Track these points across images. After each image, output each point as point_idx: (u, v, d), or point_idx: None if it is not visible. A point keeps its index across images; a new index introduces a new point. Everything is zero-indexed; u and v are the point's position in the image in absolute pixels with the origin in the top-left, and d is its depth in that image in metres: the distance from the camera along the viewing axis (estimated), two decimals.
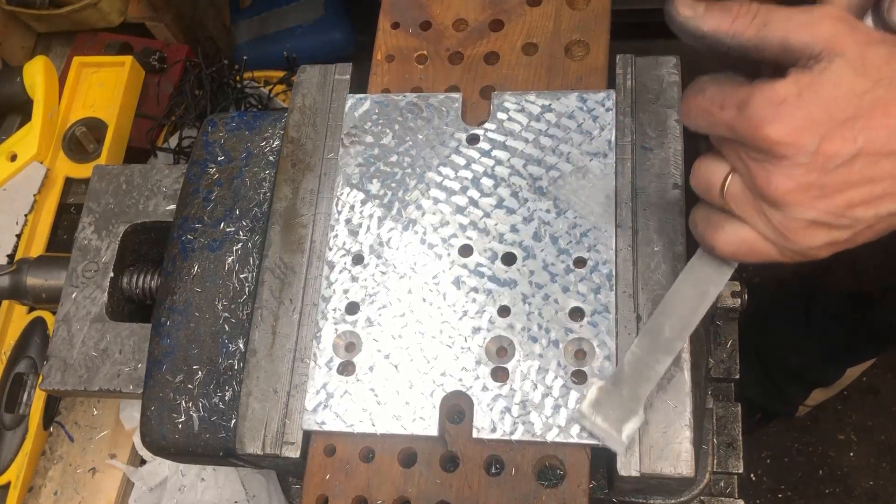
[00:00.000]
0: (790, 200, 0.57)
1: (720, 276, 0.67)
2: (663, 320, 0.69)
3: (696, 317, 0.68)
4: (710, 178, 0.62)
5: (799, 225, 0.58)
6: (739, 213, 0.61)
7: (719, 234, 0.63)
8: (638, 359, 0.69)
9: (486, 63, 0.88)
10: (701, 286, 0.68)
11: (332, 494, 0.73)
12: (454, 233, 0.79)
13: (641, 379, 0.68)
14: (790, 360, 1.62)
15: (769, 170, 0.56)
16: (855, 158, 0.54)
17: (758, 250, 0.61)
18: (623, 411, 0.68)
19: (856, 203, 0.56)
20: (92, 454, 1.16)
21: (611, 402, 0.69)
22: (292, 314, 0.79)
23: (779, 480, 1.83)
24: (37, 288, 0.97)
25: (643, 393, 0.68)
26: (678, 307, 0.69)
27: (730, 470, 0.91)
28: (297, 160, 0.86)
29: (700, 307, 0.68)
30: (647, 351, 0.69)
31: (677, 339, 0.68)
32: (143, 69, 1.40)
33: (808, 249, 0.60)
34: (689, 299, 0.68)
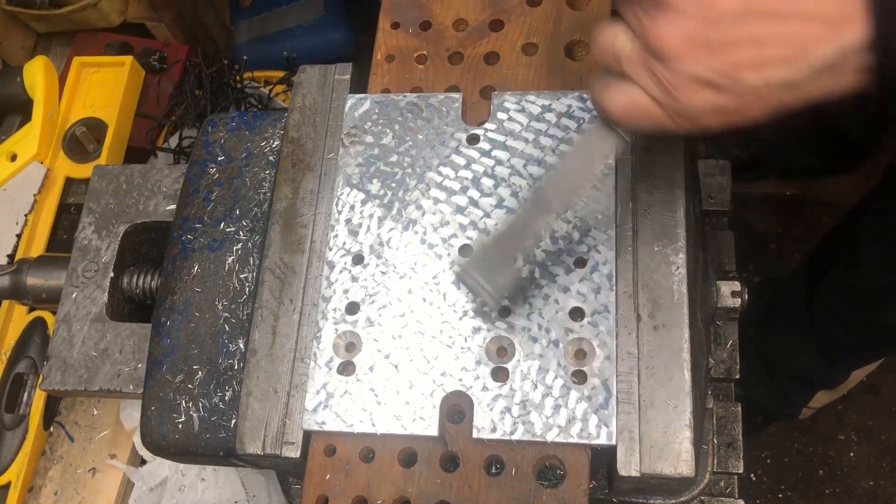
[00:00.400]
0: (676, 53, 0.56)
1: (610, 146, 0.67)
2: (550, 184, 0.70)
3: (581, 183, 0.68)
4: (608, 40, 0.62)
5: (684, 81, 0.57)
6: (630, 71, 0.60)
7: (610, 95, 0.62)
8: (522, 221, 0.71)
9: (486, 63, 0.88)
10: (590, 154, 0.68)
11: (332, 494, 0.73)
12: (454, 233, 0.79)
13: (523, 241, 0.70)
14: (794, 362, 1.62)
15: (657, 20, 0.56)
16: (744, 16, 0.54)
17: (646, 111, 0.61)
18: (500, 269, 0.70)
19: (742, 64, 0.55)
20: (92, 454, 1.16)
21: (492, 261, 0.70)
22: (292, 314, 0.79)
23: (779, 480, 1.83)
24: (37, 288, 0.97)
25: (520, 253, 0.70)
26: (566, 173, 0.70)
27: (730, 470, 0.91)
28: (297, 160, 0.86)
29: (587, 174, 0.68)
30: (531, 214, 0.70)
31: (561, 204, 0.70)
32: (143, 69, 1.40)
33: (694, 113, 0.59)
34: (578, 167, 0.69)
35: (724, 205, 1.03)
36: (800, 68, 0.55)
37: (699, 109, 0.59)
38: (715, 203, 1.03)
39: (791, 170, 1.98)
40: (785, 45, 0.54)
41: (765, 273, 1.97)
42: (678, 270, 0.74)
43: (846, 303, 1.45)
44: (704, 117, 0.59)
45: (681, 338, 0.71)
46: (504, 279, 0.70)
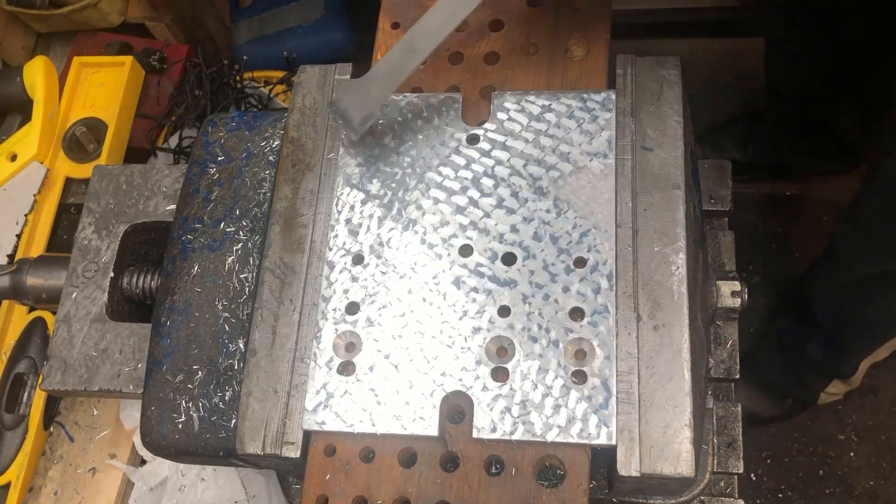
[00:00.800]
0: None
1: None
2: (418, 33, 0.79)
3: (442, 32, 0.79)
4: None
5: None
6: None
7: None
8: (391, 62, 0.79)
9: (486, 63, 0.88)
10: (453, 7, 0.78)
11: (332, 494, 0.73)
12: (454, 233, 0.79)
13: (389, 80, 0.79)
14: (804, 351, 1.64)
15: None
16: None
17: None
18: (366, 105, 0.79)
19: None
20: (92, 454, 1.16)
21: (359, 96, 0.79)
22: (292, 314, 0.79)
23: (779, 480, 1.83)
24: (37, 288, 0.97)
25: (386, 93, 0.80)
26: (431, 23, 0.79)
27: (730, 470, 0.91)
28: (297, 160, 0.86)
29: (448, 24, 0.78)
30: (399, 56, 0.79)
31: (425, 49, 0.79)
32: (143, 69, 1.40)
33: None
34: (442, 18, 0.78)
35: (724, 205, 1.03)
36: None
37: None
38: (715, 203, 1.03)
39: (790, 170, 1.98)
40: None
41: (765, 273, 1.97)
42: (678, 270, 0.74)
43: (835, 297, 1.47)
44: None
45: (681, 338, 0.71)
46: (366, 112, 0.79)
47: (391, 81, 0.79)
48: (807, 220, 2.01)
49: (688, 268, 0.74)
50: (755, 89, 1.88)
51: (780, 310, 1.76)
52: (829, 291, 1.50)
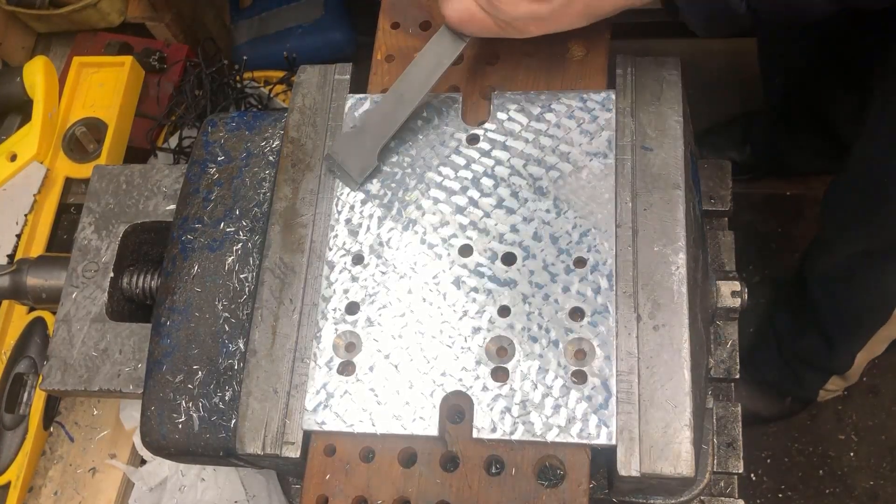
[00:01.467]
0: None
1: (454, 48, 0.80)
2: (405, 83, 0.81)
3: (430, 81, 0.80)
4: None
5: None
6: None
7: (449, 4, 0.75)
8: (381, 113, 0.82)
9: (486, 63, 0.88)
10: (437, 57, 0.80)
11: (332, 494, 0.73)
12: (454, 233, 0.79)
13: (380, 131, 0.81)
14: (799, 345, 1.65)
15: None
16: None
17: (476, 18, 0.74)
18: (362, 157, 0.82)
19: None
20: (92, 454, 1.16)
21: (354, 148, 0.82)
22: (292, 314, 0.79)
23: (779, 480, 1.83)
24: (37, 288, 0.97)
25: (380, 143, 0.81)
26: (418, 73, 0.81)
27: (730, 470, 0.91)
28: (297, 160, 0.86)
29: (434, 73, 0.80)
30: (389, 107, 0.81)
31: (413, 99, 0.81)
32: (143, 69, 1.40)
33: (514, 20, 0.71)
34: (427, 66, 0.80)
35: (724, 205, 1.03)
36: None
37: (518, 16, 0.71)
38: (715, 203, 1.03)
39: (790, 170, 1.98)
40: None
41: (765, 273, 1.97)
42: (678, 270, 0.74)
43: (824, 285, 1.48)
44: (524, 24, 0.72)
45: (681, 338, 0.71)
46: (364, 163, 0.82)
47: (384, 131, 0.81)
48: (807, 220, 2.01)
49: (688, 268, 0.74)
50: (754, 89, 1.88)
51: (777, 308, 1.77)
52: (820, 279, 1.51)
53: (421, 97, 0.80)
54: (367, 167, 0.82)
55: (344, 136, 0.83)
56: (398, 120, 0.81)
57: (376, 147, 0.81)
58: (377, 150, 0.81)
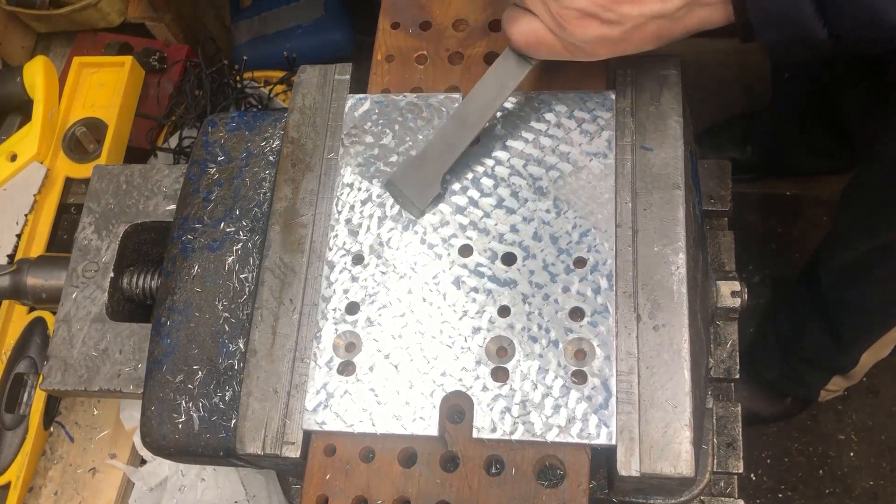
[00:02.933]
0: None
1: (519, 71, 0.77)
2: (468, 108, 0.78)
3: (493, 106, 0.78)
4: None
5: (572, 14, 0.66)
6: (530, 6, 0.70)
7: (514, 26, 0.72)
8: (443, 139, 0.79)
9: (486, 63, 0.88)
10: (502, 79, 0.77)
11: (332, 494, 0.73)
12: (454, 233, 0.79)
13: (443, 157, 0.79)
14: (804, 345, 1.64)
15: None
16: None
17: (544, 42, 0.71)
18: (425, 183, 0.79)
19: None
20: (92, 454, 1.16)
21: (416, 174, 0.79)
22: (292, 314, 0.79)
23: (779, 480, 1.83)
24: (37, 288, 0.97)
25: (443, 169, 0.79)
26: (481, 97, 0.78)
27: (730, 470, 0.91)
28: (297, 160, 0.86)
29: (498, 98, 0.78)
30: (451, 133, 0.79)
31: (476, 123, 0.78)
32: (143, 69, 1.40)
33: (583, 42, 0.68)
34: (491, 90, 0.78)
35: (724, 205, 1.03)
36: (672, 2, 0.63)
37: (587, 39, 0.68)
38: (715, 203, 1.03)
39: (790, 169, 1.98)
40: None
41: (765, 273, 1.97)
42: (678, 270, 0.74)
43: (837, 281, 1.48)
44: (593, 47, 0.69)
45: (681, 338, 0.71)
46: (426, 191, 0.79)
47: (447, 158, 0.79)
48: (807, 220, 2.00)
49: (688, 268, 0.74)
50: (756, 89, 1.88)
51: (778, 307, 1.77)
52: (833, 275, 1.50)
53: (484, 122, 0.78)
54: (430, 194, 0.79)
55: (405, 163, 0.81)
56: (461, 146, 0.78)
57: (439, 173, 0.79)
58: (440, 177, 0.79)
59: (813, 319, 1.59)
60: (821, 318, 1.57)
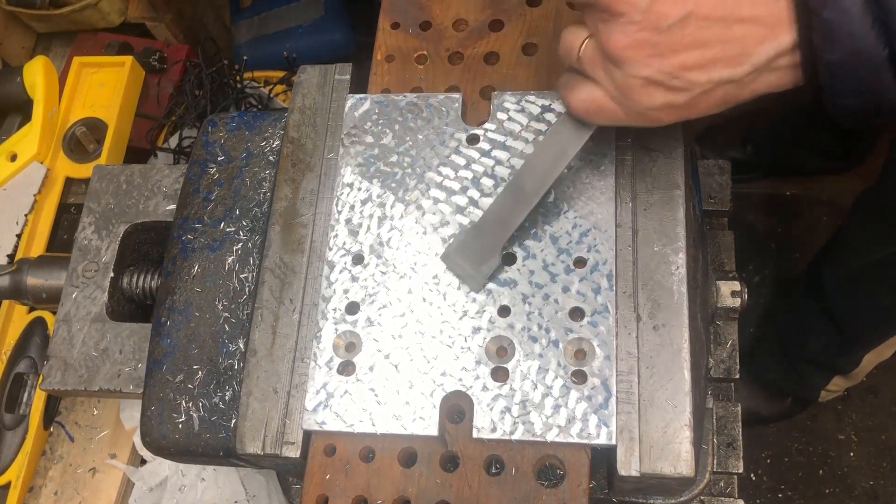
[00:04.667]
0: (627, 57, 0.61)
1: (577, 138, 0.73)
2: (525, 176, 0.75)
3: (552, 174, 0.74)
4: (571, 42, 0.67)
5: (637, 83, 0.62)
6: (590, 73, 0.66)
7: (573, 93, 0.68)
8: (500, 209, 0.76)
9: (486, 63, 0.88)
10: (560, 146, 0.73)
11: (332, 494, 0.73)
12: (454, 233, 0.79)
13: (501, 228, 0.75)
14: (808, 344, 1.64)
15: (610, 28, 0.61)
16: (686, 20, 0.58)
17: (605, 109, 0.66)
18: (483, 255, 0.76)
19: (689, 65, 0.60)
20: (92, 454, 1.16)
21: (473, 246, 0.76)
22: (292, 314, 0.79)
23: (779, 480, 1.83)
24: (37, 288, 0.97)
25: (501, 240, 0.75)
26: (539, 165, 0.74)
27: (730, 470, 0.91)
28: (297, 160, 0.86)
29: (557, 165, 0.74)
30: (508, 203, 0.75)
31: (535, 193, 0.74)
32: (143, 69, 1.40)
33: (648, 110, 0.64)
34: (549, 158, 0.74)
35: (724, 205, 1.03)
36: (742, 67, 0.60)
37: (652, 107, 0.64)
38: (715, 203, 1.03)
39: (789, 170, 1.98)
40: (727, 47, 0.59)
41: (765, 273, 1.97)
42: (678, 270, 0.74)
43: (847, 283, 1.47)
44: (657, 113, 0.65)
45: (681, 338, 0.71)
46: (485, 263, 0.76)
47: (505, 228, 0.75)
48: (807, 220, 2.01)
49: (688, 268, 0.74)
50: None
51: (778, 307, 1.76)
52: (840, 277, 1.50)
53: (543, 192, 0.74)
54: (490, 266, 0.75)
55: (460, 235, 0.78)
56: (519, 216, 0.75)
57: (498, 244, 0.75)
58: (499, 247, 0.75)
59: (815, 320, 1.59)
60: (824, 318, 1.57)
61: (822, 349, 1.63)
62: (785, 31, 0.57)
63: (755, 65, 0.59)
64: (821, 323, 1.58)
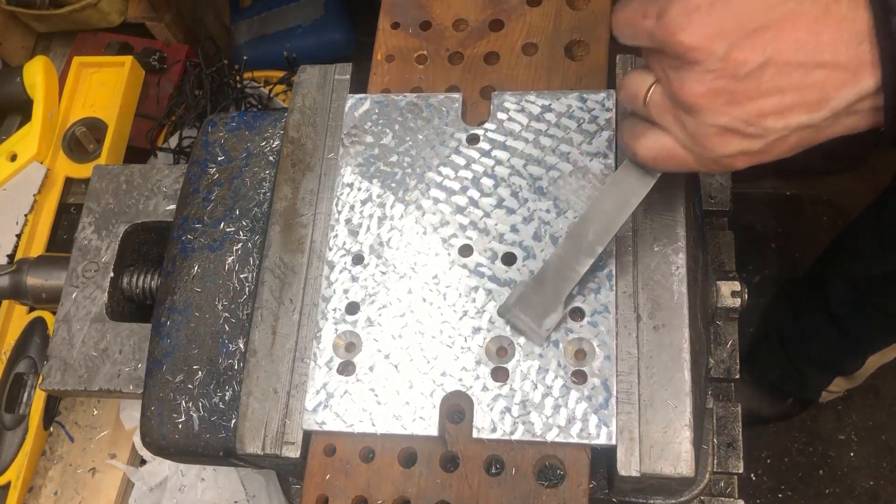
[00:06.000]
0: (702, 105, 0.58)
1: (642, 185, 0.70)
2: (587, 226, 0.72)
3: (616, 223, 0.71)
4: (636, 88, 0.64)
5: (711, 131, 0.60)
6: (659, 120, 0.63)
7: (641, 141, 0.65)
8: (561, 260, 0.73)
9: (486, 63, 0.88)
10: (624, 195, 0.71)
11: (332, 494, 0.73)
12: (454, 233, 0.79)
13: (563, 279, 0.72)
14: (812, 347, 1.64)
15: (683, 75, 0.58)
16: (763, 67, 0.56)
17: (676, 157, 0.64)
18: (545, 308, 0.72)
19: (766, 112, 0.58)
20: (92, 454, 1.16)
21: (534, 299, 0.73)
22: (292, 314, 0.79)
23: (779, 480, 1.83)
24: (37, 288, 0.97)
25: (563, 292, 0.72)
26: (602, 214, 0.72)
27: (730, 470, 0.91)
28: (297, 160, 0.86)
29: (621, 214, 0.71)
30: (569, 253, 0.72)
31: (598, 243, 0.71)
32: (143, 69, 1.40)
33: (721, 157, 0.62)
34: (613, 207, 0.71)
35: (724, 205, 1.03)
36: (820, 113, 0.57)
37: (726, 154, 0.61)
38: (715, 203, 1.03)
39: (789, 170, 1.98)
40: (806, 93, 0.56)
41: (765, 273, 1.97)
42: (678, 270, 0.74)
43: (856, 290, 1.47)
44: (731, 160, 0.62)
45: (681, 338, 0.71)
46: (548, 317, 0.72)
47: (567, 281, 0.72)
48: (807, 220, 2.01)
49: (688, 268, 0.74)
50: None
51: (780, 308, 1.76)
52: (848, 283, 1.49)
53: (606, 242, 0.71)
54: (553, 319, 0.72)
55: (519, 287, 0.74)
56: (582, 268, 0.72)
57: (560, 296, 0.72)
58: (562, 300, 0.72)
59: (818, 322, 1.59)
60: (827, 321, 1.56)
61: (824, 350, 1.63)
62: (868, 75, 0.55)
63: (834, 110, 0.57)
64: (824, 325, 1.58)
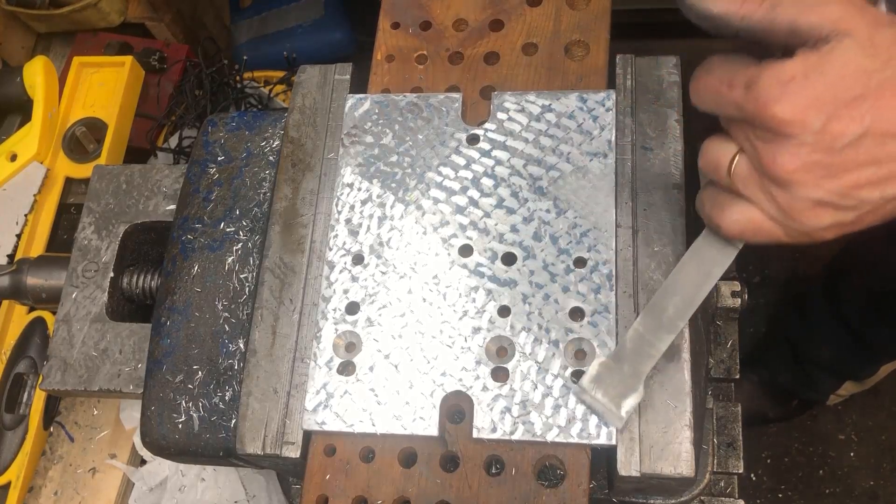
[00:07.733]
0: (796, 180, 0.56)
1: (725, 256, 0.67)
2: (667, 299, 0.69)
3: (699, 296, 0.68)
4: (719, 158, 0.61)
5: (805, 205, 0.58)
6: (746, 192, 0.60)
7: (726, 214, 0.62)
8: (640, 336, 0.69)
9: (486, 63, 0.88)
10: (705, 266, 0.68)
11: (332, 494, 0.73)
12: (454, 233, 0.79)
13: (642, 356, 0.69)
14: (823, 353, 1.63)
15: (775, 149, 0.56)
16: (861, 138, 0.54)
17: (764, 230, 0.61)
18: (623, 387, 0.68)
19: (862, 184, 0.56)
20: (92, 454, 1.16)
21: (611, 378, 0.69)
22: (292, 314, 0.79)
23: (779, 480, 1.83)
24: (37, 288, 0.97)
25: (644, 370, 0.68)
26: (682, 287, 0.68)
27: (730, 470, 0.91)
28: (297, 160, 0.86)
29: (703, 287, 0.68)
30: (649, 329, 0.69)
31: (679, 318, 0.68)
32: (143, 69, 1.40)
33: (813, 230, 0.60)
34: (693, 279, 0.68)
35: None
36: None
37: (819, 227, 0.59)
38: None
39: None
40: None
41: (765, 273, 1.97)
42: None
43: (870, 303, 1.46)
44: (822, 233, 0.60)
45: (681, 338, 0.71)
46: (627, 397, 0.68)
47: (647, 359, 0.68)
48: None
49: None
50: None
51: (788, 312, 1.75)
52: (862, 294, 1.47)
53: (689, 316, 0.68)
54: (634, 399, 0.68)
55: (596, 365, 0.70)
56: (663, 344, 0.68)
57: (641, 374, 0.68)
58: (642, 378, 0.68)
59: (830, 328, 1.57)
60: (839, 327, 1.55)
61: (836, 356, 1.61)
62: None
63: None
64: (836, 331, 1.56)
